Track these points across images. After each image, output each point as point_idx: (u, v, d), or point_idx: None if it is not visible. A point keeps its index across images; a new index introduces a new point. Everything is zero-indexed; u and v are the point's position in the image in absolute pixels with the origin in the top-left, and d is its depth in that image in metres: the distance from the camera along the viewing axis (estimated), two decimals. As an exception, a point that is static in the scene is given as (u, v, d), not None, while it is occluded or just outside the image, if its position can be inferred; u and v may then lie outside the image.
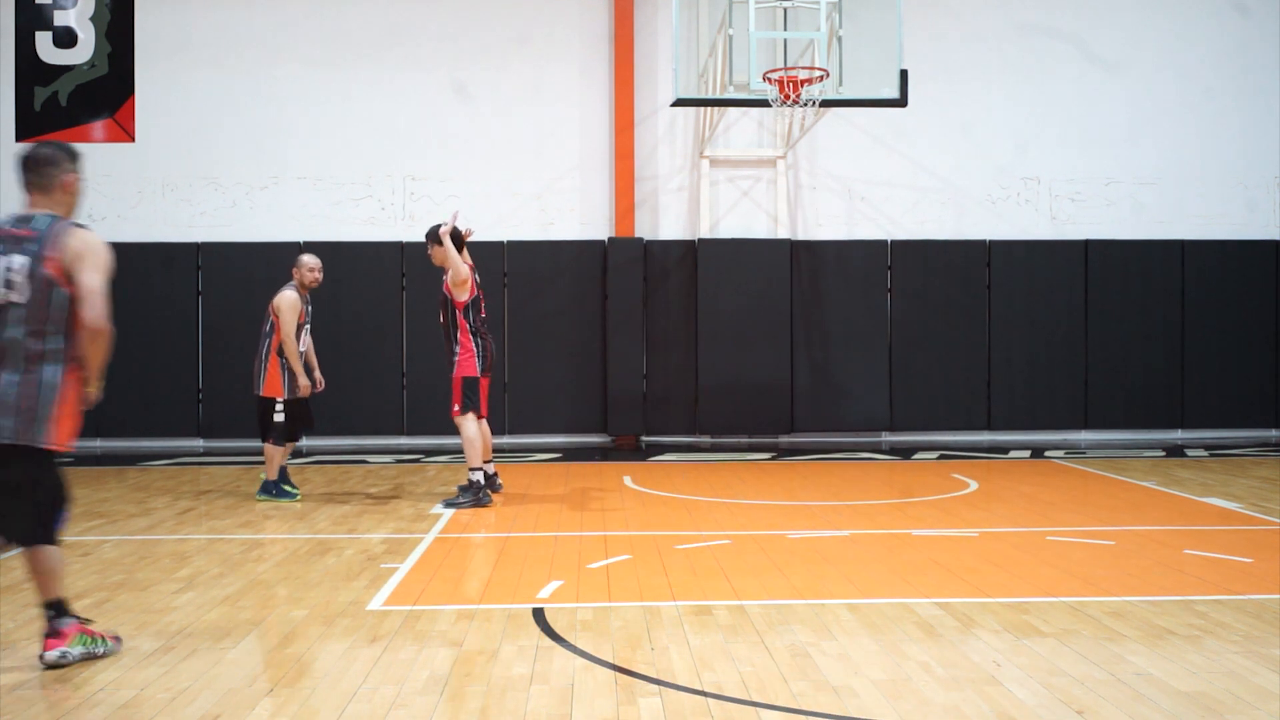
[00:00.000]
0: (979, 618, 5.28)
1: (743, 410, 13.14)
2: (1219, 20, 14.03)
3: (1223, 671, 4.47)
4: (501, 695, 4.22)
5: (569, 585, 5.98)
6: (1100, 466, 11.13)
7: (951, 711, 4.04)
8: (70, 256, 4.47)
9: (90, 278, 4.47)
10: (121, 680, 4.41)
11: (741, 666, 4.53)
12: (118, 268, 4.73)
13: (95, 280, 4.47)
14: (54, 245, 4.47)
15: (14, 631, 5.11)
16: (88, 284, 4.46)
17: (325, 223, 13.48)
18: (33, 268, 4.44)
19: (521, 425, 13.21)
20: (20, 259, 4.45)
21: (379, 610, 5.48)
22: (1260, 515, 8.14)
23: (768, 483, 10.04)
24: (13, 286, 4.44)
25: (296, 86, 13.56)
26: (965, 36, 13.88)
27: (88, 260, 4.48)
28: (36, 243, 4.46)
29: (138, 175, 13.46)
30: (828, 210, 13.80)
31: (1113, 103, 13.95)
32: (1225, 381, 13.54)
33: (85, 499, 9.13)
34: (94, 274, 4.48)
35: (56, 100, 12.64)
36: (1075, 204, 13.94)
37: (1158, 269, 13.53)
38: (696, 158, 13.61)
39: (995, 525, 7.82)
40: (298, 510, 8.50)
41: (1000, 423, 13.47)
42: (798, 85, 9.98)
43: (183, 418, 13.07)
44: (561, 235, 13.58)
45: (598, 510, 8.48)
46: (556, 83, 13.66)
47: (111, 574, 6.30)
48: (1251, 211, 14.00)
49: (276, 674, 4.50)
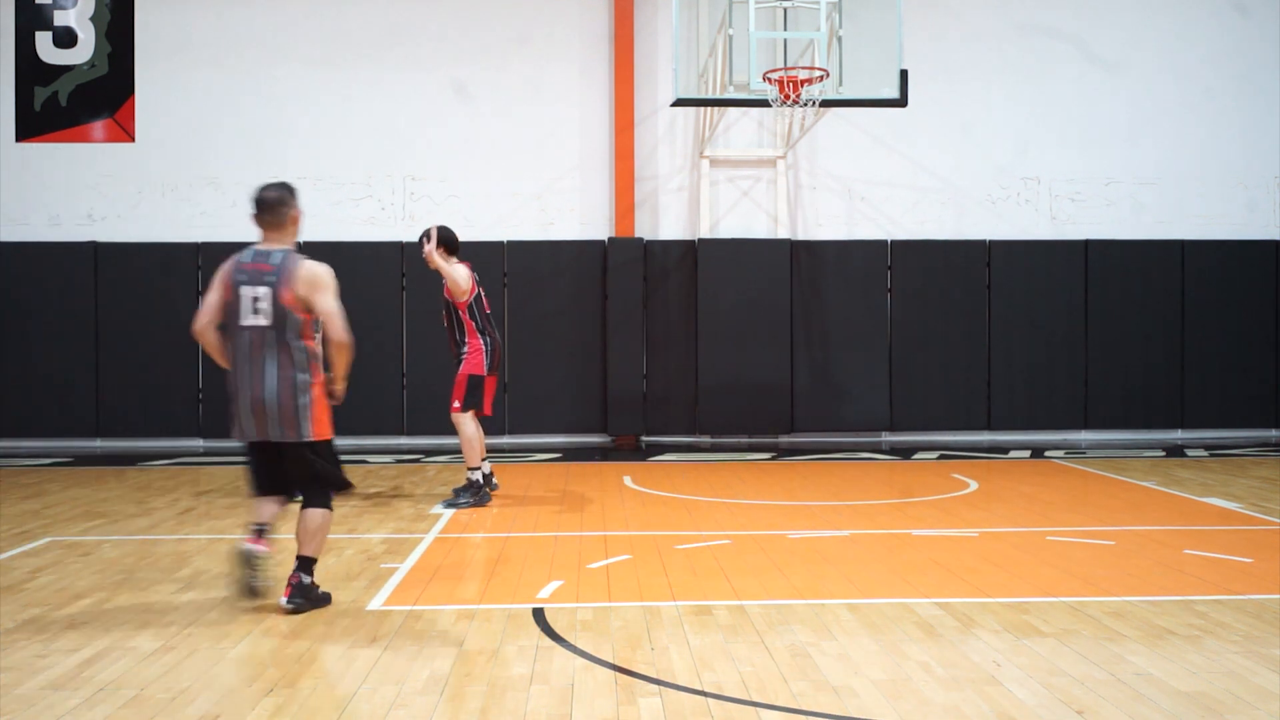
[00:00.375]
0: (979, 618, 5.28)
1: (743, 410, 13.15)
2: (1219, 20, 14.03)
3: (1223, 671, 4.47)
4: (501, 695, 4.22)
5: (569, 585, 5.98)
6: (1100, 466, 11.13)
7: (951, 711, 4.04)
8: (304, 288, 5.28)
9: (326, 302, 5.31)
10: (121, 680, 4.41)
11: (741, 666, 4.53)
12: (118, 268, 4.81)
13: (330, 303, 5.32)
14: (288, 279, 5.28)
15: (14, 631, 5.12)
16: (325, 308, 5.31)
17: (325, 223, 13.48)
18: (274, 297, 5.27)
19: (521, 425, 13.21)
20: (263, 289, 5.28)
21: (379, 610, 5.48)
22: (1260, 515, 8.15)
23: (768, 483, 10.04)
24: (259, 313, 5.28)
25: (296, 86, 13.56)
26: (965, 36, 13.88)
27: (319, 288, 5.31)
28: (275, 275, 5.28)
29: (138, 175, 13.46)
30: (828, 210, 13.80)
31: (1113, 103, 13.95)
32: (1225, 381, 13.55)
33: (85, 499, 9.13)
34: (328, 298, 5.32)
35: (56, 100, 12.65)
36: (1075, 204, 13.94)
37: (1158, 269, 13.53)
38: (696, 158, 13.61)
39: (995, 525, 7.82)
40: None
41: (1000, 423, 13.47)
42: (798, 85, 9.98)
43: (183, 418, 13.08)
44: (561, 235, 13.58)
45: (598, 510, 8.48)
46: (556, 83, 13.66)
47: (111, 574, 6.30)
48: (1251, 211, 14.01)
49: (276, 674, 4.50)
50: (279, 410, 5.29)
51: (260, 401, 5.30)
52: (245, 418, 5.35)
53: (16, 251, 13.08)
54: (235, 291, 5.33)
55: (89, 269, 13.06)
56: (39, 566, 6.50)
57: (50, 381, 12.99)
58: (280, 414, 5.29)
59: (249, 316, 5.30)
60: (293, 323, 5.30)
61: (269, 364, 5.29)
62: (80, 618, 5.34)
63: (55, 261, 13.05)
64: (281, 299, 5.26)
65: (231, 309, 5.35)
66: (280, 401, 5.29)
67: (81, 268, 13.05)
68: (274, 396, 5.28)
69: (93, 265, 13.06)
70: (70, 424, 13.03)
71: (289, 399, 5.29)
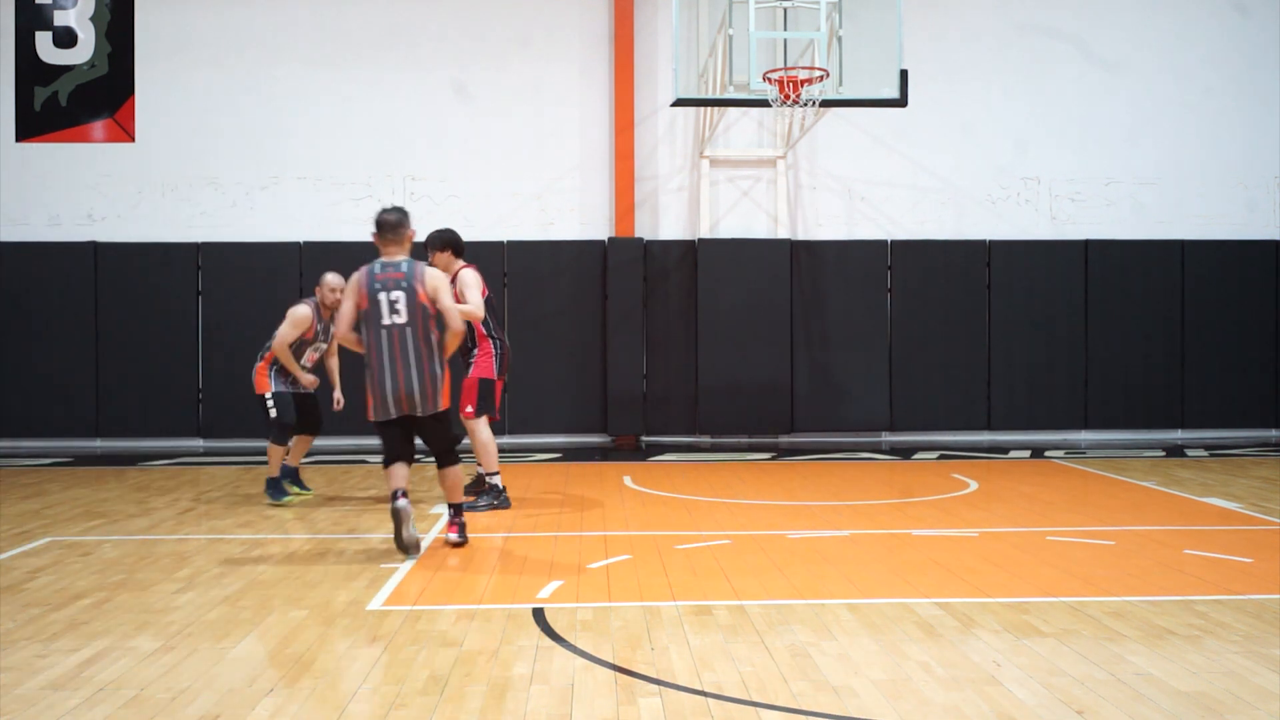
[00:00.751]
0: (979, 618, 5.28)
1: (743, 410, 13.15)
2: (1219, 20, 14.03)
3: (1223, 671, 4.47)
4: (501, 695, 4.22)
5: (569, 585, 5.98)
6: (1100, 466, 11.13)
7: (951, 711, 4.04)
8: (430, 288, 6.55)
9: (446, 300, 6.61)
10: (121, 680, 4.41)
11: (741, 666, 4.53)
12: (118, 268, 4.82)
13: (449, 301, 6.62)
14: (420, 280, 6.53)
15: (14, 631, 5.11)
16: (446, 305, 6.60)
17: (325, 223, 13.49)
18: (409, 298, 6.49)
19: (521, 425, 13.21)
20: (398, 293, 6.49)
21: (379, 610, 5.48)
22: (1260, 515, 8.14)
23: (768, 483, 10.04)
24: (397, 312, 6.48)
25: (296, 86, 13.56)
26: (965, 36, 13.88)
27: (442, 289, 6.61)
28: (406, 280, 6.52)
29: (138, 175, 13.47)
30: (828, 210, 13.80)
31: (1113, 103, 13.96)
32: (1225, 381, 13.55)
33: (85, 499, 9.13)
34: (447, 297, 6.63)
35: (56, 100, 12.65)
36: (1075, 204, 13.94)
37: (1158, 269, 13.54)
38: (696, 158, 13.61)
39: (995, 525, 7.82)
40: (297, 510, 8.50)
41: (1000, 423, 13.47)
42: (798, 85, 9.98)
43: (183, 418, 13.08)
44: (561, 235, 13.58)
45: (598, 510, 8.48)
46: (556, 83, 13.66)
47: (111, 574, 6.30)
48: (1251, 211, 14.01)
49: (276, 674, 4.50)
50: (420, 389, 6.51)
51: (406, 384, 6.49)
52: (389, 399, 6.52)
53: (16, 251, 13.08)
54: (372, 298, 6.51)
55: (89, 269, 13.06)
56: (39, 566, 6.50)
57: (50, 381, 12.99)
58: (421, 391, 6.51)
59: (388, 317, 6.48)
60: (425, 317, 6.52)
61: (410, 353, 6.49)
62: (80, 618, 5.34)
63: (55, 261, 13.05)
64: (418, 298, 6.49)
65: (369, 313, 6.51)
66: (421, 381, 6.50)
67: (81, 268, 13.05)
68: (417, 378, 6.49)
69: (93, 265, 13.06)
70: (70, 424, 13.04)
71: (428, 378, 6.52)
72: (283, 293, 13.08)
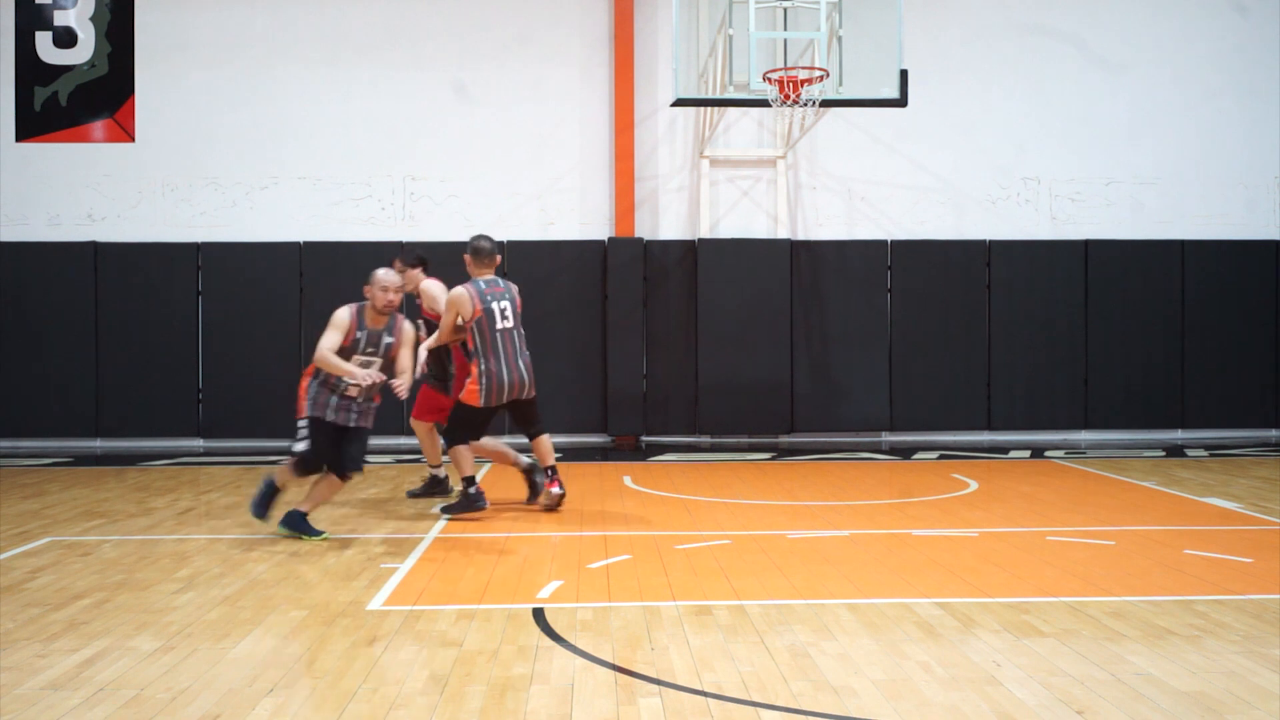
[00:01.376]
0: (979, 618, 5.28)
1: (743, 410, 13.14)
2: (1219, 20, 14.03)
3: (1223, 671, 4.47)
4: (501, 695, 4.22)
5: (569, 585, 5.98)
6: (1100, 466, 11.13)
7: (951, 711, 4.04)
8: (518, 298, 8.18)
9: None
10: (121, 680, 4.41)
11: (741, 666, 4.53)
12: (118, 268, 4.82)
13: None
14: (515, 294, 8.15)
15: (14, 631, 5.12)
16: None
17: (325, 223, 13.49)
18: (514, 307, 8.07)
19: (521, 425, 13.19)
20: (505, 303, 8.01)
21: (379, 610, 5.49)
22: (1260, 515, 8.15)
23: (768, 483, 10.04)
24: (507, 318, 7.98)
25: (296, 86, 13.56)
26: (965, 36, 13.88)
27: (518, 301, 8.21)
28: (508, 293, 8.07)
29: (138, 175, 13.46)
30: (828, 210, 13.80)
31: (1113, 103, 13.95)
32: (1225, 381, 13.55)
33: (85, 499, 9.13)
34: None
35: (56, 100, 12.64)
36: (1075, 204, 13.94)
37: (1158, 269, 13.53)
38: (696, 158, 13.61)
39: (995, 525, 7.82)
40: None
41: (1000, 423, 13.47)
42: (798, 85, 9.97)
43: (183, 418, 13.08)
44: (561, 235, 13.58)
45: (598, 510, 8.48)
46: (556, 83, 13.66)
47: (111, 574, 6.30)
48: (1251, 211, 14.00)
49: (276, 674, 4.50)
50: (527, 376, 8.04)
51: (520, 372, 8.00)
52: (506, 385, 7.93)
53: (16, 251, 13.08)
54: (487, 308, 7.91)
55: (89, 269, 13.06)
56: (39, 566, 6.50)
57: (50, 381, 12.99)
58: (527, 378, 8.05)
59: (501, 322, 7.95)
60: (520, 321, 8.11)
61: (521, 349, 8.04)
62: (80, 618, 5.34)
63: (55, 261, 13.05)
64: (518, 307, 8.09)
65: (485, 320, 7.90)
66: (526, 370, 8.05)
67: (81, 268, 13.05)
68: (525, 368, 8.04)
69: (93, 265, 13.06)
70: (70, 424, 13.03)
71: (530, 368, 8.10)
72: (282, 292, 13.12)
